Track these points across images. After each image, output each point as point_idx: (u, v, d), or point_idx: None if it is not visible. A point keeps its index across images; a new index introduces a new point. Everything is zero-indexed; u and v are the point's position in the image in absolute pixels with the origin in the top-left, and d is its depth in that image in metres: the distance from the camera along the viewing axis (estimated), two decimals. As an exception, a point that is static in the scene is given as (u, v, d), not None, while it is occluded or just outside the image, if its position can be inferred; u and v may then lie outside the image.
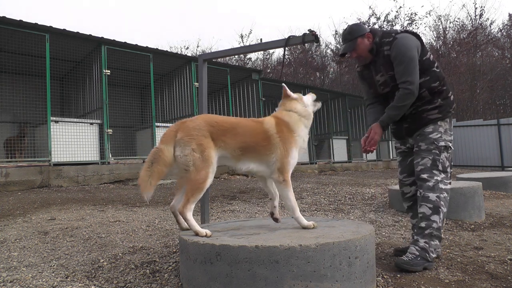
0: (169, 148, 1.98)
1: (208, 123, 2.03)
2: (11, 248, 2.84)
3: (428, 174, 2.40)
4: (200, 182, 1.93)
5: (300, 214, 2.12)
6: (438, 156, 2.42)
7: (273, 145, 2.08)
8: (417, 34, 2.53)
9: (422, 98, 2.47)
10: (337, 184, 7.66)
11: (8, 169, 6.62)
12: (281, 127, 2.13)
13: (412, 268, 2.20)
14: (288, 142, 2.11)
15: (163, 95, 10.94)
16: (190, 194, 1.93)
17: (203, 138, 1.97)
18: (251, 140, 2.07)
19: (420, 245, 2.30)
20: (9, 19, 6.93)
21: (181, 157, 1.96)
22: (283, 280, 1.64)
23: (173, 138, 2.00)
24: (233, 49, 3.43)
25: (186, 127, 2.01)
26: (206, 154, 1.95)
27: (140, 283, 2.10)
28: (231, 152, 2.05)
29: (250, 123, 2.16)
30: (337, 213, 4.41)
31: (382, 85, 2.58)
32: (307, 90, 13.41)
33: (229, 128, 2.05)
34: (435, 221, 2.34)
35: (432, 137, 2.45)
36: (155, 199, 5.59)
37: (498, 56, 24.25)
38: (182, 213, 1.96)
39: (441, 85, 2.49)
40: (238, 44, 26.54)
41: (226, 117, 2.22)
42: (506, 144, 14.54)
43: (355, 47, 2.55)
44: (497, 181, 6.20)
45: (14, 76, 8.90)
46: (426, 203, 2.37)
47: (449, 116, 2.51)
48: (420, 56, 2.45)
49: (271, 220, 2.35)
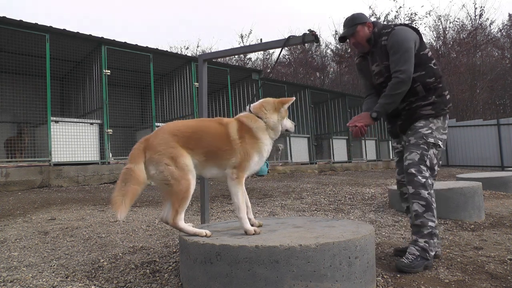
0: (139, 166, 1.96)
1: (171, 133, 2.01)
2: (11, 248, 2.85)
3: (416, 169, 2.37)
4: (184, 191, 1.93)
5: (245, 216, 2.03)
6: (426, 152, 2.39)
7: (234, 150, 2.03)
8: (416, 28, 2.53)
9: (416, 93, 2.45)
10: (337, 184, 7.66)
11: (8, 169, 6.62)
12: (243, 133, 2.07)
13: (414, 270, 2.19)
14: (252, 147, 2.06)
15: (163, 95, 10.94)
16: (177, 205, 1.93)
17: (171, 150, 1.95)
18: (214, 145, 2.03)
19: (420, 245, 2.29)
20: (9, 19, 6.93)
21: (158, 174, 1.95)
22: (283, 280, 1.64)
23: (141, 156, 1.98)
24: (233, 49, 3.43)
25: (151, 144, 1.98)
26: (180, 164, 1.94)
27: (140, 283, 2.10)
28: (196, 157, 2.02)
29: (213, 126, 2.10)
30: (337, 213, 4.41)
31: (377, 75, 2.58)
32: (307, 90, 13.42)
33: (191, 134, 2.03)
34: (430, 219, 2.32)
35: (422, 132, 2.43)
36: (155, 199, 5.60)
37: (498, 56, 24.25)
38: (174, 225, 1.95)
39: (436, 82, 2.47)
40: (238, 44, 26.57)
41: (189, 121, 2.18)
42: (506, 144, 14.54)
43: (354, 33, 2.56)
44: (497, 181, 6.20)
45: (14, 76, 8.90)
46: (419, 201, 2.34)
47: (443, 114, 2.48)
48: (417, 50, 2.44)
49: (271, 220, 2.35)
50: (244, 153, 2.03)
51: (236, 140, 2.04)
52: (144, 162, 1.98)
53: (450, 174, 11.29)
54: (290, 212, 4.48)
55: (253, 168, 2.09)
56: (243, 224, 2.01)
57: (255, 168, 2.11)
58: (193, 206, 4.87)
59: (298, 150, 12.40)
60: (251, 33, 39.07)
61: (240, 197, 2.02)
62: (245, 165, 2.03)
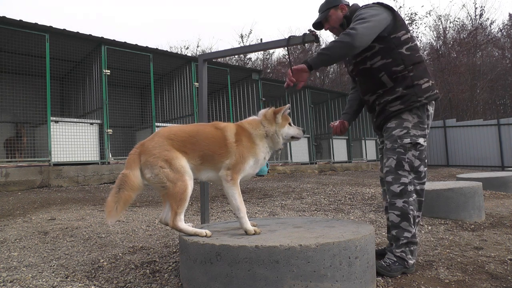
0: (134, 172, 1.97)
1: (166, 137, 2.03)
2: (11, 248, 2.84)
3: (393, 176, 2.22)
4: (181, 192, 1.93)
5: (246, 216, 2.03)
6: (403, 156, 2.21)
7: (229, 152, 2.04)
8: (391, 7, 2.28)
9: (383, 84, 2.27)
10: (337, 184, 7.66)
11: (8, 169, 6.62)
12: (241, 136, 2.09)
13: (390, 274, 2.13)
14: (248, 151, 2.08)
15: (163, 95, 10.95)
16: (175, 206, 1.94)
17: (166, 153, 1.97)
18: (209, 148, 2.04)
19: (397, 254, 2.19)
20: (9, 19, 6.93)
21: (153, 177, 1.96)
22: (283, 280, 1.64)
23: (136, 161, 2.00)
24: (233, 49, 3.43)
25: (146, 148, 2.00)
26: (175, 166, 1.95)
27: (140, 283, 2.10)
28: (192, 161, 2.03)
29: (209, 130, 2.12)
30: (337, 213, 4.41)
31: (348, 62, 2.44)
32: (307, 90, 13.42)
33: (187, 138, 2.04)
34: (406, 229, 2.19)
35: (396, 134, 2.24)
36: (155, 199, 5.60)
37: (498, 56, 24.26)
38: (174, 227, 1.96)
39: (406, 70, 2.22)
40: (238, 44, 26.58)
41: (184, 126, 2.19)
42: (506, 144, 14.54)
43: (328, 18, 2.43)
44: (497, 181, 6.20)
45: (14, 76, 8.90)
46: (394, 211, 2.22)
47: (416, 107, 2.22)
48: (387, 32, 2.21)
49: (271, 220, 2.35)
50: (239, 155, 2.05)
51: (232, 143, 2.06)
52: (140, 166, 1.99)
53: (450, 174, 11.29)
54: (290, 212, 4.48)
55: (247, 171, 2.09)
56: (243, 224, 2.01)
57: (250, 171, 2.11)
58: (193, 206, 4.87)
59: (298, 150, 12.40)
60: (251, 33, 39.11)
61: (238, 198, 2.02)
62: (240, 167, 2.04)
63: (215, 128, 2.14)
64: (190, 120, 9.74)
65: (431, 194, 4.01)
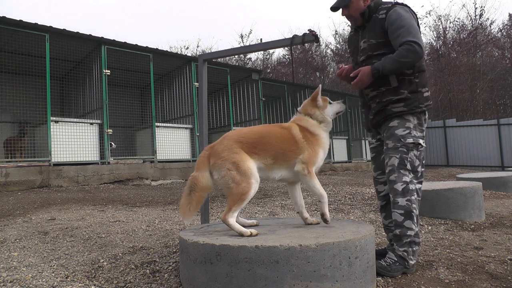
0: (203, 174, 2.07)
1: (236, 140, 2.09)
2: (11, 248, 2.84)
3: (396, 175, 2.25)
4: (242, 194, 1.98)
5: (327, 203, 2.17)
6: (405, 155, 2.25)
7: (301, 148, 2.15)
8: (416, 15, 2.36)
9: (388, 82, 2.30)
10: (337, 184, 7.66)
11: (8, 169, 6.62)
12: (304, 133, 2.21)
13: (390, 274, 2.14)
14: (316, 144, 2.20)
15: (163, 95, 10.94)
16: (232, 204, 1.99)
17: (235, 155, 2.03)
18: (281, 147, 2.13)
19: (398, 253, 2.20)
20: (9, 19, 6.93)
21: (220, 179, 2.04)
22: (283, 280, 1.64)
23: (206, 164, 2.09)
24: (233, 49, 3.43)
25: (215, 151, 2.09)
26: (242, 168, 2.01)
27: (140, 283, 2.10)
28: (263, 162, 2.11)
29: (277, 130, 2.21)
30: (337, 213, 4.41)
31: (362, 52, 2.44)
32: (307, 90, 13.41)
33: (257, 139, 2.12)
34: (410, 227, 2.21)
35: (399, 134, 2.28)
36: (155, 200, 5.60)
37: (498, 56, 24.24)
38: (224, 221, 2.00)
39: (413, 75, 2.30)
40: (238, 44, 26.58)
41: (252, 128, 2.25)
42: (506, 144, 14.54)
43: (348, 5, 2.41)
44: (497, 181, 6.20)
45: (14, 76, 8.90)
46: (397, 210, 2.24)
47: (418, 112, 2.30)
48: None
49: (271, 220, 2.36)
50: (311, 149, 2.16)
51: (301, 140, 2.17)
52: (208, 168, 2.08)
53: (450, 174, 11.29)
54: (290, 212, 4.48)
55: (319, 163, 2.20)
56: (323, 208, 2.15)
57: (321, 163, 2.22)
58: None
59: (298, 150, 12.37)
60: (251, 33, 39.07)
61: (319, 187, 2.13)
62: (314, 160, 2.16)
63: (281, 128, 2.24)
64: (190, 120, 9.74)
65: (431, 194, 4.01)
